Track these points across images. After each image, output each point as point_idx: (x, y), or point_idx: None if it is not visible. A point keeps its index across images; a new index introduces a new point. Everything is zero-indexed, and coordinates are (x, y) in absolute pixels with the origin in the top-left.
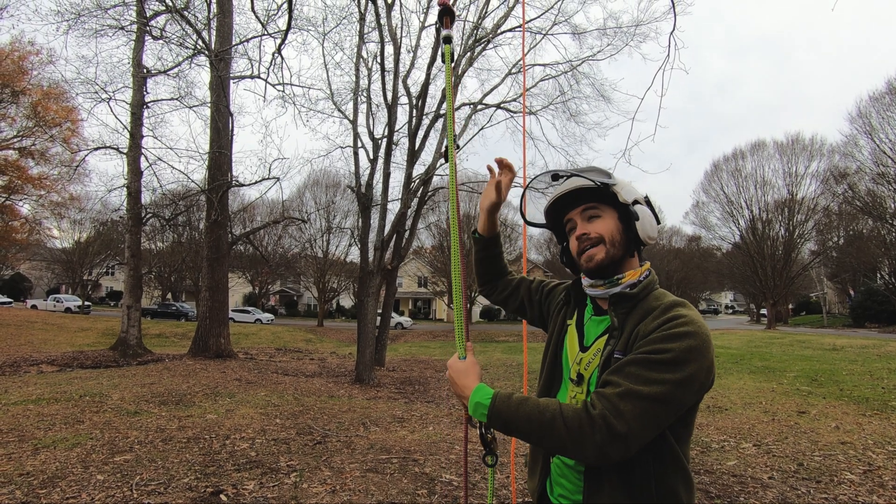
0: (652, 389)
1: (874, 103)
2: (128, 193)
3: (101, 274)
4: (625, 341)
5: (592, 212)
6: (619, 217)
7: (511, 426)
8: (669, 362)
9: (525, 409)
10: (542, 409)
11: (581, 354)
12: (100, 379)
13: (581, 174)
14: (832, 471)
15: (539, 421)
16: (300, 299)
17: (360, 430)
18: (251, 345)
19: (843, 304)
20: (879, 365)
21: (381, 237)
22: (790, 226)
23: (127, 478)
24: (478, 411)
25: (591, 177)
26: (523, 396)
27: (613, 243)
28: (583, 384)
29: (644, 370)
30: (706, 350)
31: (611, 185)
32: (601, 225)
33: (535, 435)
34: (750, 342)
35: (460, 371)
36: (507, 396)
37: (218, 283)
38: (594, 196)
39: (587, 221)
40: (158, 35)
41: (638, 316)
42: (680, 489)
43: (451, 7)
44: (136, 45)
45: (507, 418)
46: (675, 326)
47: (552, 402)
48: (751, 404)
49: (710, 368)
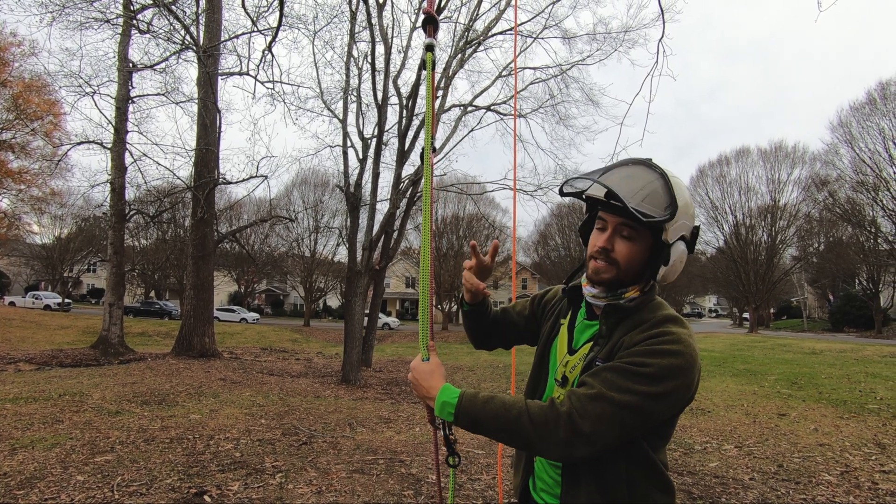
0: (623, 397)
1: (854, 113)
2: (111, 189)
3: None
4: (609, 349)
5: (628, 231)
6: (651, 246)
7: (478, 424)
8: (647, 376)
9: (492, 406)
10: (509, 406)
11: (568, 357)
12: (80, 378)
13: (634, 206)
14: (811, 472)
15: (506, 418)
16: (286, 299)
17: (347, 430)
18: (236, 344)
19: (822, 308)
20: (857, 369)
21: (369, 237)
22: (773, 231)
23: (108, 478)
24: (444, 411)
25: (651, 204)
26: (490, 394)
27: (628, 272)
28: (567, 386)
29: (620, 378)
30: (688, 370)
31: (664, 222)
32: (626, 250)
33: (502, 432)
34: (733, 345)
35: (425, 372)
36: (473, 395)
37: (203, 282)
38: (643, 220)
39: (617, 236)
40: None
41: (627, 327)
42: (654, 493)
43: (436, 16)
44: (122, 39)
45: (475, 416)
46: (661, 343)
47: (519, 399)
48: (733, 406)
49: (689, 387)
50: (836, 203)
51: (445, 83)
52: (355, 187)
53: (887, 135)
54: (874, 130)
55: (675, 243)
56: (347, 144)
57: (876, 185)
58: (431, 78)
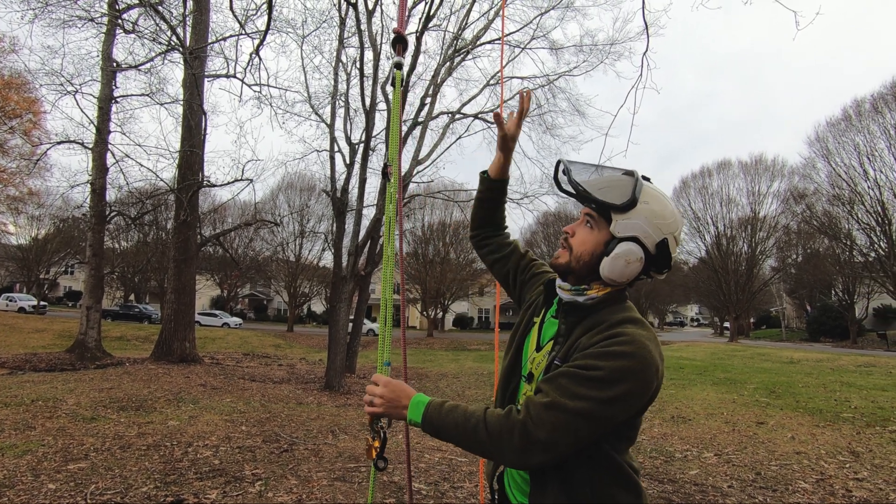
0: (576, 404)
1: (831, 129)
2: (92, 190)
3: (59, 273)
4: (566, 350)
5: (589, 219)
6: (606, 241)
7: (440, 433)
8: (597, 380)
9: (452, 416)
10: (468, 416)
11: (535, 354)
12: (54, 383)
13: (596, 195)
14: (787, 480)
15: (464, 427)
16: (270, 303)
17: (329, 437)
18: (218, 349)
19: (800, 318)
20: (833, 378)
21: (355, 243)
22: (752, 242)
23: (81, 486)
24: (413, 419)
25: (610, 194)
26: (454, 405)
27: (578, 260)
28: (533, 382)
29: (572, 384)
30: (641, 371)
31: (613, 210)
32: (582, 237)
33: (462, 441)
34: (713, 354)
35: (399, 385)
36: (439, 405)
37: (185, 285)
38: (602, 209)
39: (581, 223)
40: (130, 29)
41: (585, 327)
42: (620, 493)
43: (405, 36)
44: (107, 38)
45: (437, 426)
46: (612, 345)
47: (478, 409)
48: (713, 415)
49: (645, 388)
50: (814, 216)
51: (434, 91)
52: (342, 192)
53: (862, 150)
54: (850, 146)
55: (625, 241)
56: (335, 149)
57: (851, 199)
58: (398, 95)
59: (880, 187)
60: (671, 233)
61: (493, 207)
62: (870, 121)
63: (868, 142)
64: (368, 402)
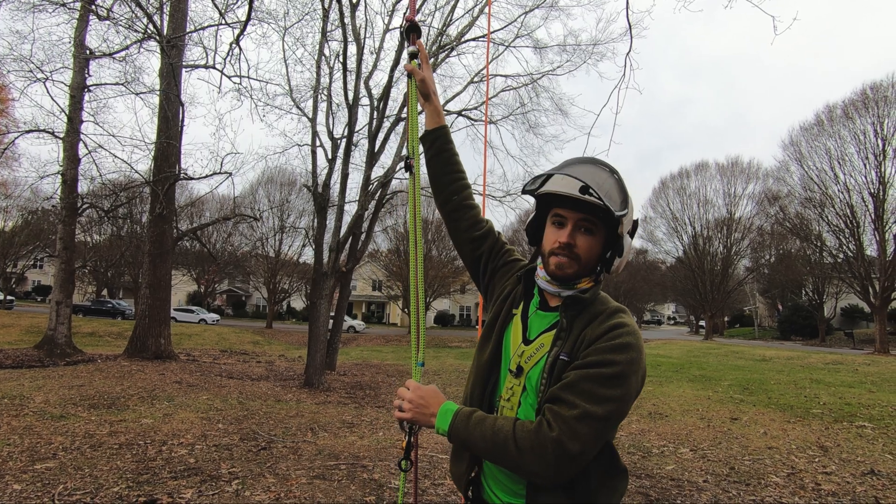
0: (605, 409)
1: (804, 133)
2: (63, 181)
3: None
4: (571, 344)
5: (589, 225)
6: (605, 240)
7: (468, 445)
8: (617, 377)
9: (480, 429)
10: (497, 430)
11: (524, 347)
12: (21, 380)
13: (607, 202)
14: (760, 474)
15: (493, 441)
16: (249, 300)
17: (308, 435)
18: (194, 346)
19: (772, 317)
20: (803, 375)
21: (336, 238)
22: (728, 243)
23: (48, 487)
24: (441, 429)
25: (613, 201)
26: (482, 416)
27: (587, 266)
28: (521, 377)
29: (597, 387)
30: (641, 360)
31: (623, 215)
32: (587, 244)
33: (490, 455)
34: (689, 352)
35: (430, 392)
36: (466, 416)
37: (160, 281)
38: (600, 211)
39: (578, 231)
40: (105, 15)
41: (586, 319)
42: (616, 479)
43: (418, 24)
44: (80, 25)
45: (464, 437)
46: (618, 336)
47: (507, 423)
48: (689, 411)
49: (643, 378)
50: (787, 217)
51: None
52: (323, 188)
53: (833, 155)
54: (821, 150)
55: (626, 235)
56: (316, 144)
57: (822, 202)
58: (414, 88)
59: (850, 191)
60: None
61: (448, 160)
62: (840, 126)
63: (839, 146)
64: (398, 407)
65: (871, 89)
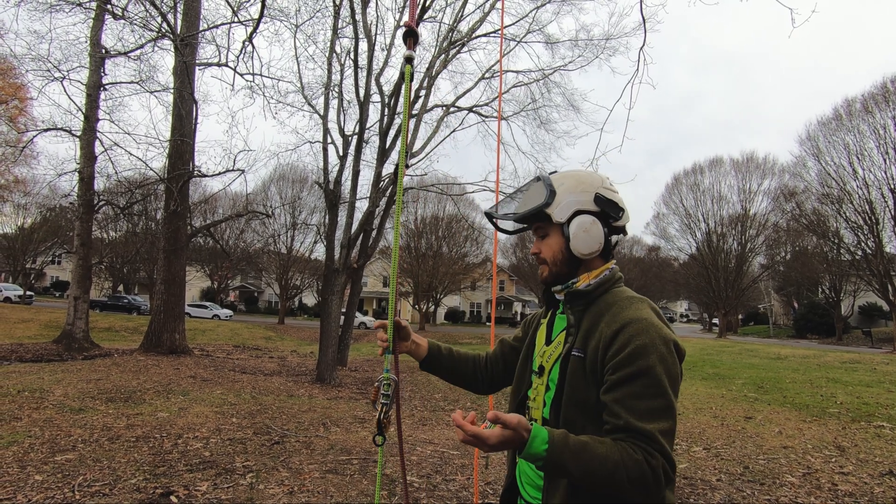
0: (672, 412)
1: (822, 128)
2: (80, 179)
3: (45, 262)
4: (582, 338)
5: (541, 231)
6: (563, 235)
7: (570, 474)
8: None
9: (584, 457)
10: (603, 459)
11: (545, 347)
12: (41, 373)
13: (525, 211)
14: (774, 474)
15: (601, 473)
16: (261, 296)
17: (320, 430)
18: (208, 341)
19: (787, 315)
20: (819, 374)
21: (347, 235)
22: (742, 240)
23: (68, 478)
24: (536, 460)
25: (529, 205)
26: (579, 442)
27: (555, 263)
28: (543, 375)
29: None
30: (659, 345)
31: (543, 207)
32: (547, 246)
33: (594, 485)
34: (703, 350)
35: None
36: (562, 443)
37: (174, 277)
38: (538, 216)
39: (540, 239)
40: (120, 14)
41: (593, 314)
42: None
43: (416, 29)
44: (95, 24)
45: (564, 465)
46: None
47: (609, 450)
48: (702, 409)
49: (675, 357)
50: (803, 214)
51: (428, 83)
52: (335, 184)
53: (852, 150)
54: (840, 145)
55: (575, 218)
56: (328, 141)
57: (840, 198)
58: (408, 89)
59: (868, 186)
60: (598, 187)
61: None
62: (860, 120)
63: (858, 141)
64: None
65: (891, 82)
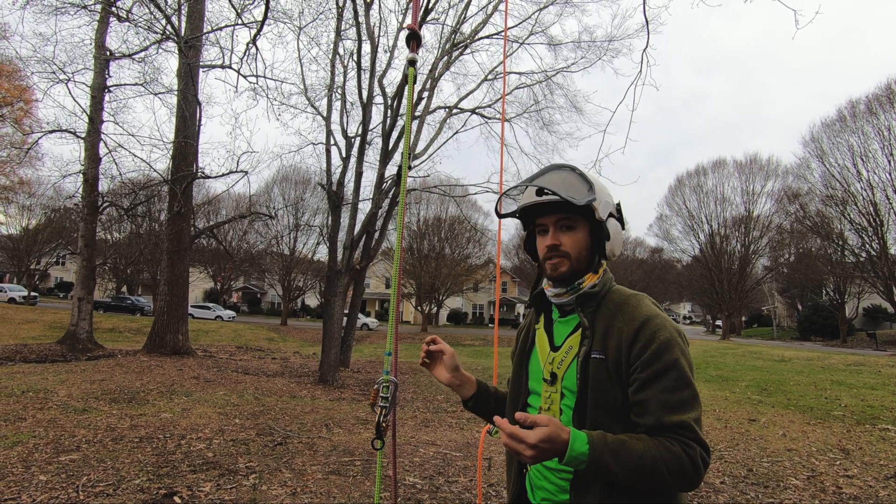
0: (698, 399)
1: (826, 129)
2: (84, 180)
3: (50, 263)
4: (600, 340)
5: (567, 222)
6: (590, 230)
7: (612, 474)
8: (681, 369)
9: (624, 457)
10: (641, 455)
11: (553, 354)
12: (45, 374)
13: (564, 195)
14: (779, 476)
15: (641, 469)
16: (264, 297)
17: (323, 431)
18: (211, 342)
19: (791, 317)
20: (823, 376)
21: (350, 236)
22: (746, 242)
23: (73, 478)
24: (579, 462)
25: (574, 193)
26: (618, 441)
27: (579, 259)
28: (556, 383)
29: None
30: (679, 339)
31: (591, 200)
32: (571, 239)
33: (635, 481)
34: (706, 352)
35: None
36: (601, 446)
37: (178, 278)
38: (571, 207)
39: (560, 231)
40: (124, 17)
41: (607, 314)
42: None
43: (419, 32)
44: (100, 26)
45: (607, 467)
46: (658, 333)
47: (647, 446)
48: (705, 412)
49: (686, 342)
50: (807, 216)
51: (431, 85)
52: (338, 186)
53: (856, 151)
54: (844, 147)
55: (609, 219)
56: (331, 142)
57: (844, 200)
58: (411, 92)
59: (873, 188)
60: (611, 195)
61: (495, 414)
62: (864, 122)
63: (862, 143)
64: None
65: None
